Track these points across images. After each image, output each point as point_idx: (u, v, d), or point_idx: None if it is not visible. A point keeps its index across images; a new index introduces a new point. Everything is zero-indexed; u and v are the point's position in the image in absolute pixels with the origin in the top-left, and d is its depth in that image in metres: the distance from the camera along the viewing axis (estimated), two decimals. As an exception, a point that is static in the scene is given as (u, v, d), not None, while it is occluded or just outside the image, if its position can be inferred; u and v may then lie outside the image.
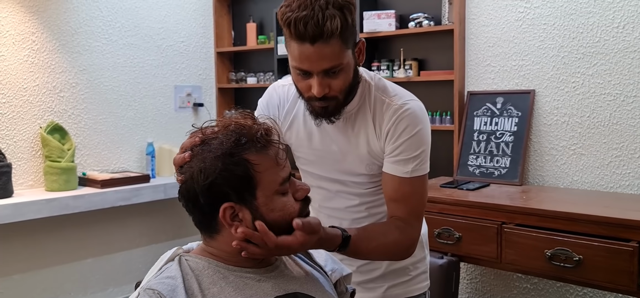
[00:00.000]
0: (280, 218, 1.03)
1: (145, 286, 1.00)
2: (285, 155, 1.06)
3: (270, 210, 1.03)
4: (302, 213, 1.06)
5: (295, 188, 1.07)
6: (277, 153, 1.04)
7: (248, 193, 1.02)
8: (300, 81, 1.26)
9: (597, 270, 1.97)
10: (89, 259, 3.25)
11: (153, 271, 1.07)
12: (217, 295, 1.01)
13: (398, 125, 1.35)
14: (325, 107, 1.28)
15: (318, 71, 1.22)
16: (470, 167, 2.79)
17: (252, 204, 1.02)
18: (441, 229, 2.37)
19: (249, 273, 1.06)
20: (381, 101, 1.38)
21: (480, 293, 2.89)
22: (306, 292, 1.09)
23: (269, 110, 1.47)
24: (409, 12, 3.07)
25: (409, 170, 1.34)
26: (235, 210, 1.03)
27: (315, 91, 1.24)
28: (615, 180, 2.50)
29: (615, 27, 2.46)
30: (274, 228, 1.02)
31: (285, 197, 1.05)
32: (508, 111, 2.74)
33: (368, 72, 1.41)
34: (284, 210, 1.04)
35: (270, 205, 1.03)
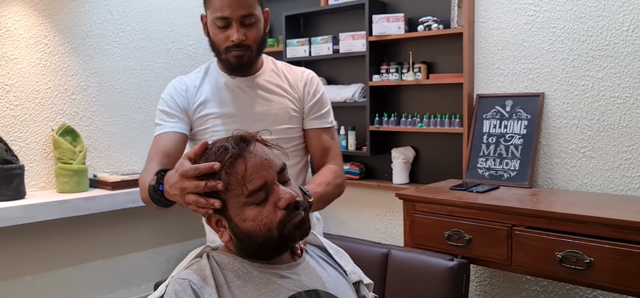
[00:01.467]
0: (252, 228, 1.05)
1: (176, 276, 1.05)
2: (258, 166, 1.05)
3: (242, 220, 1.06)
4: (287, 221, 1.06)
5: (277, 196, 1.06)
6: (244, 168, 1.04)
7: (222, 206, 1.06)
8: (218, 34, 1.52)
9: (608, 273, 1.98)
10: (99, 261, 3.28)
11: (183, 265, 1.11)
12: (241, 287, 1.05)
13: (313, 86, 1.68)
14: (241, 56, 1.53)
15: (237, 17, 1.49)
16: (480, 169, 2.80)
17: (227, 214, 1.07)
18: (451, 231, 2.38)
19: (272, 269, 1.09)
20: (288, 69, 1.69)
21: (489, 296, 2.89)
22: (326, 290, 1.11)
23: (176, 98, 1.64)
24: (418, 15, 3.08)
25: (329, 121, 1.69)
26: (218, 218, 1.09)
27: (235, 37, 1.49)
28: (625, 183, 2.51)
29: (624, 30, 2.47)
30: (251, 237, 1.06)
31: (259, 206, 1.05)
32: (517, 114, 2.75)
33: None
34: (256, 220, 1.05)
35: (241, 215, 1.06)
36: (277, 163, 1.08)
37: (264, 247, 1.06)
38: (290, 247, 1.12)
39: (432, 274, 2.22)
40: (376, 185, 3.27)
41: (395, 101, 3.29)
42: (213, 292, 1.02)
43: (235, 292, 1.04)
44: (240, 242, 1.08)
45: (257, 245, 1.06)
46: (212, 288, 1.03)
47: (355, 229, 3.36)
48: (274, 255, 1.09)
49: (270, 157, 1.08)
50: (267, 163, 1.06)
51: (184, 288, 1.01)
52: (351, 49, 3.31)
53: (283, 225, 1.05)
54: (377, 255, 2.37)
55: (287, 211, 1.05)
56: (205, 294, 1.02)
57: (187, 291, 1.01)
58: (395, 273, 2.30)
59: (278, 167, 1.08)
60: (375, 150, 3.28)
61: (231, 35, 1.50)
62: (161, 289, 1.06)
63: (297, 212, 1.07)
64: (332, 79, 3.59)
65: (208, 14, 1.55)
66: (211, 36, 1.56)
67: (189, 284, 1.02)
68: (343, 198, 3.42)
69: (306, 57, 3.51)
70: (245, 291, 1.05)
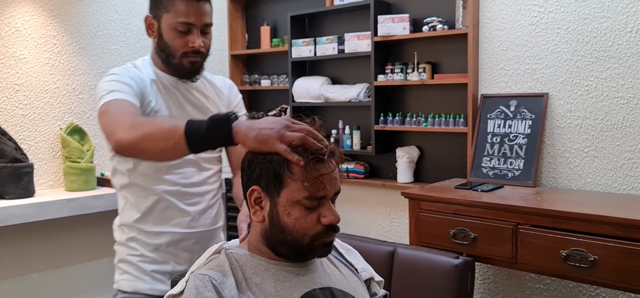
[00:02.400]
0: (291, 225, 1.09)
1: (195, 272, 1.07)
2: (329, 181, 1.11)
3: (286, 213, 1.10)
4: (321, 237, 1.11)
5: (325, 212, 1.11)
6: (319, 175, 1.09)
7: (275, 189, 1.09)
8: (177, 39, 1.51)
9: (612, 271, 2.01)
10: (106, 258, 3.30)
11: (201, 261, 1.14)
12: (259, 284, 1.08)
13: (234, 90, 1.79)
14: (196, 62, 1.54)
15: (200, 24, 1.51)
16: (484, 169, 2.83)
17: (274, 199, 1.10)
18: (457, 230, 2.41)
19: (289, 267, 1.13)
20: (209, 75, 1.72)
21: (493, 294, 2.92)
22: (339, 288, 1.14)
23: (138, 82, 1.53)
24: (423, 16, 3.11)
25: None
26: (261, 197, 1.11)
27: (197, 43, 1.51)
28: (629, 183, 2.53)
29: (628, 31, 2.49)
30: (284, 231, 1.10)
31: (308, 212, 1.09)
32: (521, 114, 2.78)
33: None
34: (298, 221, 1.09)
35: (288, 209, 1.09)
36: (338, 185, 1.15)
37: (289, 245, 1.10)
38: (306, 259, 1.15)
39: (437, 272, 2.24)
40: (381, 184, 3.30)
41: (400, 101, 3.32)
42: (233, 287, 1.05)
43: (253, 288, 1.08)
44: (271, 229, 1.11)
45: (285, 241, 1.10)
46: (232, 284, 1.06)
47: (360, 228, 3.39)
48: (290, 257, 1.13)
49: (337, 177, 1.14)
50: (335, 181, 1.13)
51: (205, 283, 1.04)
52: (356, 49, 3.34)
53: (316, 238, 1.10)
54: (383, 253, 2.39)
55: (326, 228, 1.11)
56: (225, 289, 1.05)
57: (208, 286, 1.04)
58: (402, 271, 2.32)
59: (338, 188, 1.14)
60: (380, 149, 3.31)
61: (191, 41, 1.51)
62: (181, 285, 1.09)
63: (333, 234, 1.13)
64: (337, 78, 3.62)
65: (166, 17, 1.51)
66: (167, 40, 1.52)
67: (209, 279, 1.05)
68: (348, 197, 3.47)
69: (311, 57, 3.54)
70: (263, 287, 1.08)
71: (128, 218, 1.61)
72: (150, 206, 1.58)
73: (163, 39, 1.52)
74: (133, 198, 1.60)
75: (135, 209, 1.59)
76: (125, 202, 1.62)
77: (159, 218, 1.59)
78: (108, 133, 1.33)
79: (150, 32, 1.57)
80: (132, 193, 1.60)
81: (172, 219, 1.60)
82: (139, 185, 1.58)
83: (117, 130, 1.29)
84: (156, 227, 1.59)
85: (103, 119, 1.38)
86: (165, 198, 1.59)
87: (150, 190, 1.57)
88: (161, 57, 1.55)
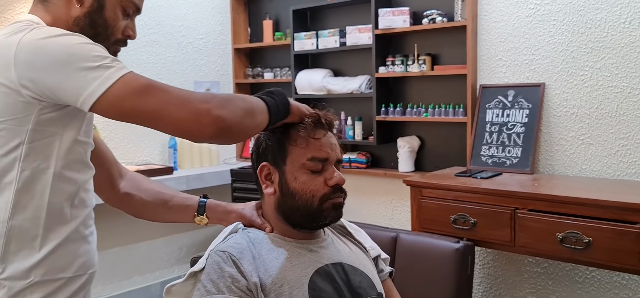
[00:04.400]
0: (300, 189, 1.19)
1: (215, 249, 1.16)
2: (328, 144, 1.23)
3: (293, 178, 1.20)
4: (329, 198, 1.20)
5: (330, 174, 1.21)
6: (321, 136, 1.21)
7: (280, 159, 1.21)
8: (119, 20, 1.19)
9: (606, 251, 2.10)
10: (116, 248, 3.40)
11: (219, 240, 1.22)
12: (275, 260, 1.17)
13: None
14: (117, 51, 1.23)
15: (139, 11, 1.25)
16: (483, 157, 2.92)
17: (281, 169, 1.21)
18: (457, 215, 2.50)
19: (302, 243, 1.21)
20: None
21: (492, 278, 3.02)
22: (350, 263, 1.23)
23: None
24: (422, 9, 3.19)
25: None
26: (270, 172, 1.22)
27: (134, 33, 1.24)
28: (622, 169, 2.62)
29: (622, 22, 2.58)
30: (295, 197, 1.19)
31: (314, 174, 1.20)
32: (519, 103, 2.87)
33: None
34: (306, 184, 1.20)
35: (294, 174, 1.20)
36: (339, 154, 1.26)
37: (301, 211, 1.19)
38: (320, 226, 1.24)
39: (439, 256, 2.32)
40: (383, 173, 3.39)
41: (401, 92, 3.40)
42: (251, 262, 1.14)
43: (269, 263, 1.16)
44: (282, 197, 1.21)
45: (296, 207, 1.19)
46: (250, 259, 1.14)
47: (363, 216, 3.48)
48: (305, 225, 1.21)
49: (337, 146, 1.26)
50: (335, 148, 1.24)
51: (225, 259, 1.13)
52: (358, 42, 3.42)
53: (325, 199, 1.20)
54: (386, 238, 2.47)
55: (332, 190, 1.20)
56: (244, 263, 1.13)
57: (228, 262, 1.12)
58: (404, 256, 2.41)
59: (339, 156, 1.26)
60: (381, 139, 3.39)
61: (131, 28, 1.22)
62: (201, 262, 1.18)
63: (340, 194, 1.22)
64: (339, 71, 3.70)
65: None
66: (109, 17, 1.17)
67: (229, 255, 1.13)
68: (351, 186, 3.53)
69: (314, 50, 3.62)
70: (278, 262, 1.16)
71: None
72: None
73: (102, 14, 1.16)
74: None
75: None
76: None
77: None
78: (187, 112, 1.01)
79: (87, 4, 1.16)
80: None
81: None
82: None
83: (208, 108, 1.02)
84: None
85: (156, 98, 1.02)
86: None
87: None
88: (83, 33, 1.13)
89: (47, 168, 1.10)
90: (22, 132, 1.07)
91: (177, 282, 1.19)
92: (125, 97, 1.01)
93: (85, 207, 1.21)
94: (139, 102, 1.01)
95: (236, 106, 1.05)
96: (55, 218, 1.13)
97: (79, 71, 1.01)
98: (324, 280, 1.16)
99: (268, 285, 1.13)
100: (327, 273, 1.18)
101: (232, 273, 1.11)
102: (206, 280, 1.12)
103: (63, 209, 1.14)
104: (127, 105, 1.01)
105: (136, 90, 1.01)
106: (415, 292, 2.09)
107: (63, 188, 1.13)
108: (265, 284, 1.13)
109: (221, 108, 1.02)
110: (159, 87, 1.03)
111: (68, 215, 1.15)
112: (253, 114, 1.08)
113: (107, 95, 1.00)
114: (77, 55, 1.02)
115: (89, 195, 1.23)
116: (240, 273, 1.11)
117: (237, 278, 1.11)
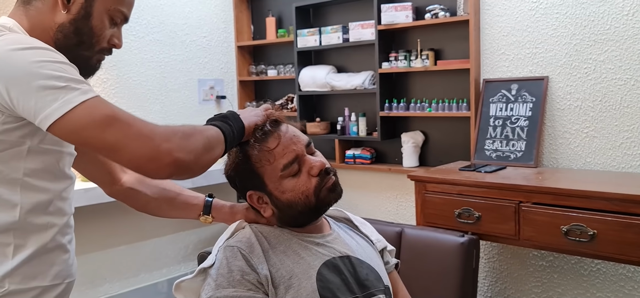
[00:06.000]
0: (292, 197, 1.19)
1: (224, 245, 1.17)
2: (289, 142, 1.21)
3: (281, 193, 1.20)
4: (321, 186, 1.20)
5: (309, 165, 1.20)
6: (277, 142, 1.19)
7: (259, 184, 1.21)
8: (106, 29, 1.15)
9: (610, 244, 2.10)
10: (122, 246, 3.42)
11: (226, 235, 1.24)
12: (284, 252, 1.18)
13: None
14: (101, 61, 1.22)
15: (127, 20, 1.21)
16: (487, 151, 2.92)
17: (266, 190, 1.21)
18: (461, 209, 2.50)
19: (309, 237, 1.23)
20: None
21: (497, 272, 3.02)
22: (357, 256, 1.24)
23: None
24: (425, 4, 3.19)
25: None
26: (260, 196, 1.23)
27: (120, 43, 1.20)
28: (627, 161, 2.63)
29: (624, 14, 2.57)
30: (291, 206, 1.20)
31: (295, 177, 1.20)
32: (522, 97, 2.87)
33: None
34: (295, 190, 1.19)
35: (280, 188, 1.20)
36: (304, 138, 1.24)
37: (304, 213, 1.20)
38: (326, 211, 1.25)
39: (444, 250, 2.33)
40: (387, 168, 3.40)
41: (404, 87, 3.41)
42: (260, 255, 1.15)
43: (278, 256, 1.18)
44: (282, 212, 1.22)
45: (298, 213, 1.20)
46: (259, 252, 1.16)
47: (368, 212, 3.49)
48: (313, 219, 1.23)
49: (298, 134, 1.24)
50: (296, 139, 1.22)
51: (234, 254, 1.14)
52: (361, 38, 3.42)
53: (319, 190, 1.20)
54: (391, 233, 2.49)
55: (320, 177, 1.21)
56: (254, 257, 1.15)
57: (237, 256, 1.14)
58: (409, 251, 2.42)
59: (305, 141, 1.23)
60: (385, 135, 3.40)
61: (117, 37, 1.18)
62: (211, 258, 1.19)
63: (328, 176, 1.22)
64: (342, 67, 3.70)
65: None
66: (95, 25, 1.13)
67: (238, 250, 1.15)
68: (355, 182, 3.56)
69: (317, 46, 3.62)
70: (286, 256, 1.18)
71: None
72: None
73: (89, 22, 1.12)
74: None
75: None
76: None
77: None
78: (148, 150, 0.98)
79: (63, 4, 1.12)
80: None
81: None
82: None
83: (169, 148, 0.99)
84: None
85: (117, 131, 0.98)
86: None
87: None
88: (66, 42, 1.12)
89: (15, 178, 1.08)
90: None
91: (186, 278, 1.20)
92: (85, 125, 0.97)
93: (62, 216, 1.18)
94: (99, 133, 0.97)
95: (196, 144, 1.03)
96: (28, 227, 1.11)
97: (40, 89, 0.96)
98: (332, 272, 1.18)
99: (277, 277, 1.14)
100: (334, 265, 1.19)
101: (241, 267, 1.12)
102: (216, 275, 1.14)
103: (36, 218, 1.12)
104: (85, 134, 0.98)
105: (97, 120, 0.97)
106: (420, 287, 2.10)
107: (34, 197, 1.11)
108: (274, 277, 1.14)
109: (181, 148, 1.00)
110: (122, 119, 0.99)
111: (42, 224, 1.13)
112: (211, 149, 1.07)
113: (66, 120, 0.96)
114: (40, 74, 0.97)
115: (67, 203, 1.21)
116: (250, 267, 1.13)
117: (247, 272, 1.12)
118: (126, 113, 1.01)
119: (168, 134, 1.01)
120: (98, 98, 1.00)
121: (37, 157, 1.10)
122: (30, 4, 1.12)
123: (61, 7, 1.11)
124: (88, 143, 1.00)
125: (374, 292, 1.22)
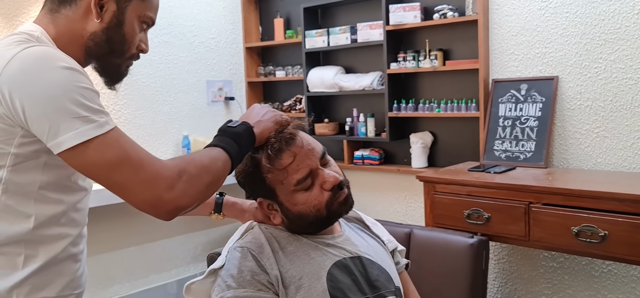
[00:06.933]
0: (304, 210, 1.19)
1: (233, 246, 1.17)
2: (304, 157, 1.18)
3: (293, 205, 1.19)
4: (333, 200, 1.19)
5: (322, 179, 1.19)
6: (292, 159, 1.17)
7: (271, 195, 1.20)
8: (136, 35, 1.16)
9: (622, 245, 2.08)
10: (132, 247, 3.43)
11: (236, 237, 1.24)
12: (294, 252, 1.18)
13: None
14: (129, 68, 1.23)
15: (154, 24, 1.23)
16: (497, 151, 2.91)
17: (278, 201, 1.21)
18: (471, 210, 2.49)
19: (319, 238, 1.23)
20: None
21: (507, 273, 3.01)
22: (368, 257, 1.24)
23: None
24: (433, 4, 3.18)
25: None
26: (270, 203, 1.22)
27: (147, 46, 1.22)
28: (638, 161, 2.60)
29: (635, 13, 2.55)
30: (302, 217, 1.19)
31: (307, 191, 1.18)
32: (532, 97, 2.85)
33: None
34: (306, 203, 1.18)
35: (291, 200, 1.19)
36: (318, 150, 1.21)
37: (314, 223, 1.20)
38: (336, 221, 1.25)
39: (453, 251, 2.32)
40: (396, 169, 3.39)
41: (413, 88, 3.40)
42: (270, 256, 1.15)
43: (289, 256, 1.18)
44: (291, 221, 1.22)
45: (308, 223, 1.20)
46: (269, 253, 1.16)
47: (377, 212, 3.48)
48: (322, 229, 1.23)
49: (312, 146, 1.21)
50: (311, 151, 1.19)
51: (244, 254, 1.15)
52: (369, 39, 3.42)
53: (330, 204, 1.19)
54: (400, 234, 2.48)
55: (332, 192, 1.19)
56: (264, 258, 1.15)
57: (247, 257, 1.14)
58: (418, 251, 2.41)
59: (320, 153, 1.21)
60: (394, 135, 3.39)
61: (144, 42, 1.20)
62: (221, 259, 1.19)
63: (341, 191, 1.21)
64: (351, 67, 3.70)
65: (137, 4, 1.15)
66: (127, 33, 1.14)
67: (248, 251, 1.15)
68: (364, 183, 3.56)
69: (325, 47, 3.62)
70: (296, 257, 1.18)
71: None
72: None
73: (121, 29, 1.13)
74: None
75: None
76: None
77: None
78: (151, 197, 1.00)
79: (97, 13, 1.11)
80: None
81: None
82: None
83: (172, 197, 1.00)
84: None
85: (124, 175, 0.99)
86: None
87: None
88: (98, 50, 1.13)
89: (31, 191, 1.07)
90: (4, 156, 1.04)
91: (196, 279, 1.20)
92: (94, 162, 0.98)
93: (75, 227, 1.17)
94: (107, 171, 0.98)
95: (200, 186, 1.03)
96: (40, 238, 1.10)
97: (56, 115, 0.96)
98: (343, 272, 1.17)
99: (288, 278, 1.14)
100: (345, 266, 1.19)
101: (252, 268, 1.12)
102: (226, 276, 1.14)
103: (49, 229, 1.11)
104: (94, 171, 0.99)
105: (107, 159, 0.98)
106: (430, 288, 2.09)
107: (48, 209, 1.10)
108: (285, 277, 1.14)
109: (185, 194, 1.00)
110: (132, 161, 0.99)
111: (55, 235, 1.12)
112: (216, 183, 1.06)
113: (77, 151, 0.97)
114: (59, 97, 0.96)
115: (81, 214, 1.20)
116: (260, 268, 1.13)
117: (257, 272, 1.12)
118: (138, 152, 1.01)
119: (173, 179, 1.00)
120: (113, 133, 1.00)
121: (53, 170, 1.09)
122: (59, 11, 1.11)
123: (95, 16, 1.11)
124: (95, 178, 1.00)
125: (384, 293, 1.22)
